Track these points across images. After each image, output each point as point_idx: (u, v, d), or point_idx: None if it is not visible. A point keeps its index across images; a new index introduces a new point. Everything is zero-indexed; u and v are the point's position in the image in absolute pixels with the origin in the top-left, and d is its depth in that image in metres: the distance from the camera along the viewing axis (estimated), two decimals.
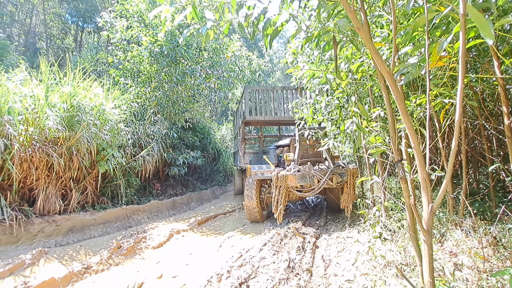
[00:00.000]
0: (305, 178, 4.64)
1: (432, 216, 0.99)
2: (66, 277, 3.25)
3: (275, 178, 4.66)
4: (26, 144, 4.64)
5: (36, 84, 5.27)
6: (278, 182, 4.65)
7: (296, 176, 4.63)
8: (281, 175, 4.65)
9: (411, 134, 1.05)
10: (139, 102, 8.37)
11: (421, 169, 1.02)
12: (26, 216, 4.68)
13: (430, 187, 0.97)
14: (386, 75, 1.11)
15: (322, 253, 3.61)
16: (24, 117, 4.70)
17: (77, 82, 5.76)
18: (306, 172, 4.67)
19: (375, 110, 2.46)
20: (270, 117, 7.43)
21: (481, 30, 0.86)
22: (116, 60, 8.92)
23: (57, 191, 5.35)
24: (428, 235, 0.96)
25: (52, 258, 3.78)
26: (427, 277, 0.98)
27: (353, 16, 1.07)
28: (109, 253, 3.96)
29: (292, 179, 4.62)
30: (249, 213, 5.60)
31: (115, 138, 6.41)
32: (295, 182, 4.61)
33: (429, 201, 0.97)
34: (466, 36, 1.26)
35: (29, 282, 3.05)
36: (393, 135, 1.84)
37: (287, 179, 4.62)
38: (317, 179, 4.64)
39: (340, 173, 4.68)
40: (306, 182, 4.63)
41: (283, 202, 4.63)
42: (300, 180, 4.62)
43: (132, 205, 6.72)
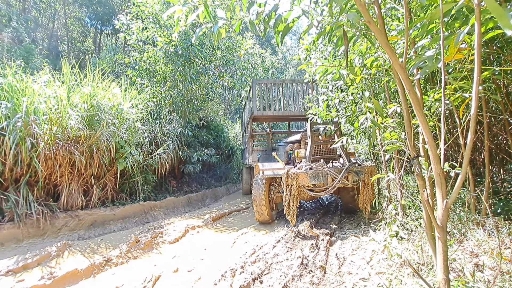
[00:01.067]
0: (318, 176, 4.33)
1: (447, 212, 0.96)
2: (88, 268, 3.42)
3: (285, 177, 4.35)
4: (50, 143, 4.88)
5: (58, 86, 5.53)
6: (288, 181, 4.32)
7: (308, 174, 4.32)
8: (291, 173, 4.32)
9: (425, 129, 1.03)
10: (155, 101, 8.57)
11: (435, 165, 0.99)
12: (51, 211, 4.94)
13: (445, 183, 0.94)
14: (398, 69, 1.08)
15: (336, 251, 3.58)
16: (48, 117, 4.95)
17: (96, 83, 5.99)
18: (319, 170, 4.35)
19: (391, 106, 2.40)
20: (279, 113, 7.04)
21: (499, 20, 0.82)
22: (133, 61, 9.18)
23: (79, 187, 5.61)
24: (442, 232, 0.94)
25: (75, 250, 3.97)
26: (441, 274, 0.95)
27: (363, 10, 1.05)
28: (128, 247, 4.11)
29: (304, 177, 4.31)
30: (258, 213, 5.29)
31: (133, 136, 6.61)
32: (307, 181, 4.30)
33: (444, 197, 0.94)
34: (485, 27, 1.21)
35: (54, 273, 3.23)
36: (408, 131, 1.79)
37: (298, 178, 4.31)
38: (331, 178, 4.32)
39: (356, 171, 4.35)
40: (319, 181, 4.32)
41: (295, 202, 4.35)
42: (313, 178, 4.31)
43: (149, 201, 6.93)
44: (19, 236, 4.29)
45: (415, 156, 1.78)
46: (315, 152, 5.05)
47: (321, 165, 4.43)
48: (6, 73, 4.85)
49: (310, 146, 4.85)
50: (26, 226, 4.45)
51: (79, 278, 3.27)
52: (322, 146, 5.11)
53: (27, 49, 10.46)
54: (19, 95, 4.75)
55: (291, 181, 4.32)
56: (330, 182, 4.31)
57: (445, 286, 0.94)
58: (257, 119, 8.00)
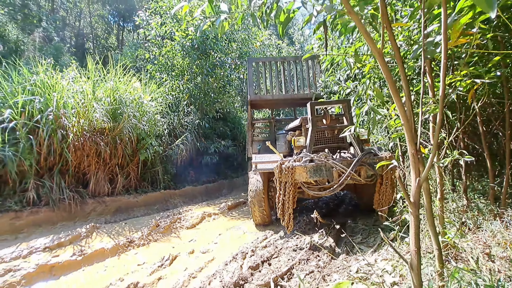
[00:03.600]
0: (319, 170, 3.39)
1: (419, 189, 1.01)
2: (113, 248, 3.75)
3: (278, 171, 3.43)
4: (78, 134, 5.29)
5: (84, 81, 5.92)
6: (282, 177, 3.41)
7: (307, 168, 3.38)
8: (286, 167, 3.38)
9: (401, 113, 1.07)
10: (173, 95, 8.88)
11: (410, 145, 1.03)
12: (81, 197, 5.39)
13: (418, 162, 0.99)
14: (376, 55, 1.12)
15: (345, 240, 3.64)
16: (76, 110, 5.34)
17: (118, 78, 6.33)
18: (321, 162, 3.41)
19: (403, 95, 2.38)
20: (280, 96, 5.98)
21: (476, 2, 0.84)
22: (152, 56, 9.51)
23: (105, 175, 6.03)
24: (414, 208, 0.99)
25: (102, 232, 4.34)
26: (413, 246, 1.01)
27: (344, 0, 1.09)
28: (149, 230, 4.43)
29: (302, 172, 3.38)
30: (255, 213, 4.54)
31: (153, 128, 6.95)
32: (305, 176, 3.39)
33: (417, 176, 1.00)
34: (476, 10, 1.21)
35: (84, 251, 3.58)
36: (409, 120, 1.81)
37: (294, 172, 3.38)
38: (338, 173, 3.36)
39: (371, 164, 3.41)
40: (321, 176, 3.38)
41: (291, 204, 3.46)
42: (313, 173, 3.38)
43: (169, 190, 7.30)
44: (53, 219, 4.75)
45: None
46: (318, 140, 4.13)
47: (325, 156, 3.49)
48: (38, 70, 5.27)
49: (311, 132, 3.89)
50: (60, 210, 4.91)
51: (105, 256, 3.60)
52: (327, 132, 4.15)
53: (57, 48, 11.16)
54: (50, 90, 5.15)
55: (285, 176, 3.40)
56: (336, 178, 3.37)
57: (416, 256, 1.00)
58: (256, 105, 6.86)
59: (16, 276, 2.91)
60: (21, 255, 3.34)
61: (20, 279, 2.88)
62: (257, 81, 6.05)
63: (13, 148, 4.49)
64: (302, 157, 3.55)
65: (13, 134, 4.56)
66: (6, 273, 2.93)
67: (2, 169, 4.44)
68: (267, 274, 2.66)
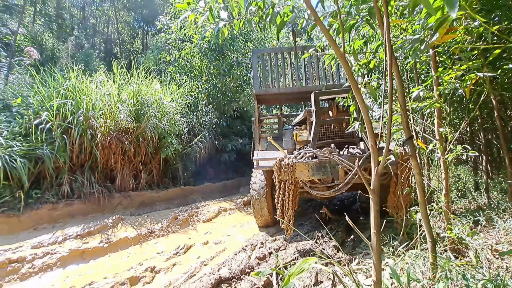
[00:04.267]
0: (323, 168, 3.09)
1: (377, 178, 1.10)
2: (136, 237, 4.10)
3: (277, 168, 3.16)
4: (105, 134, 5.75)
5: (111, 84, 6.40)
6: (281, 175, 3.14)
7: (309, 165, 3.09)
8: (285, 164, 3.11)
9: (362, 109, 1.15)
10: (193, 95, 9.25)
11: (370, 137, 1.12)
12: (108, 191, 5.86)
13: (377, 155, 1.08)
14: (339, 56, 1.21)
15: (353, 233, 3.68)
16: (103, 112, 5.81)
17: (141, 80, 6.75)
18: (325, 159, 3.11)
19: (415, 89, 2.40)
20: (287, 89, 5.50)
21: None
22: (173, 59, 9.95)
23: (130, 172, 6.49)
24: (374, 194, 1.08)
25: (126, 223, 4.73)
26: (373, 229, 1.10)
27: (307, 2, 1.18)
28: (168, 222, 4.75)
29: (303, 169, 3.09)
30: (257, 214, 4.23)
31: (173, 127, 7.33)
32: (307, 174, 3.10)
33: (375, 166, 1.09)
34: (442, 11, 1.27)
35: (110, 239, 3.96)
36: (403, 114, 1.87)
37: (294, 170, 3.09)
38: (344, 170, 3.05)
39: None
40: (325, 174, 3.10)
41: (292, 205, 3.17)
42: (316, 171, 3.09)
43: (189, 186, 7.67)
44: (85, 211, 5.23)
45: (408, 137, 1.86)
46: (324, 134, 3.82)
47: (329, 151, 3.18)
48: (70, 76, 5.80)
49: (315, 125, 3.55)
50: (90, 202, 5.39)
51: (128, 244, 3.95)
52: (333, 126, 3.84)
53: (87, 54, 12.03)
54: (81, 94, 5.66)
55: (285, 174, 3.12)
56: (343, 176, 3.04)
57: (375, 237, 1.10)
58: (262, 100, 6.32)
59: (53, 258, 3.31)
60: (57, 241, 3.78)
61: (56, 261, 3.27)
62: (263, 74, 5.58)
63: (50, 146, 5.02)
64: (304, 153, 3.24)
65: (49, 134, 5.09)
66: (45, 256, 3.35)
67: (41, 165, 4.97)
68: (273, 265, 2.81)
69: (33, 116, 5.15)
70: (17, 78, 8.26)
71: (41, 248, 3.57)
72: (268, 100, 6.49)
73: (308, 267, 1.03)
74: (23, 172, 4.54)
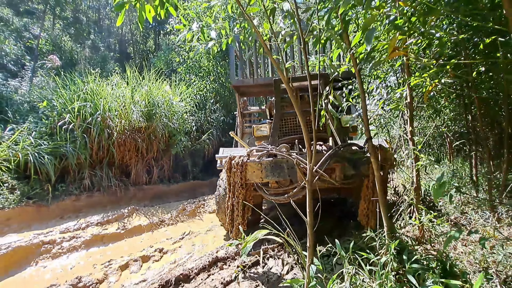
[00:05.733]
0: (279, 169, 2.67)
1: (311, 172, 1.43)
2: (148, 225, 4.61)
3: (227, 168, 2.80)
4: (121, 133, 6.30)
5: (125, 86, 6.94)
6: (231, 175, 2.77)
7: (263, 164, 2.69)
8: (235, 163, 2.74)
9: (299, 116, 1.46)
10: (201, 94, 9.70)
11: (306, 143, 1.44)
12: (124, 185, 6.44)
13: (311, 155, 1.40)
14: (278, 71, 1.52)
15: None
16: (118, 112, 6.35)
17: (152, 82, 7.26)
18: (282, 158, 2.68)
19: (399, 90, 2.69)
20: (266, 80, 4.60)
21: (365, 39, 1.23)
22: (182, 59, 10.43)
23: (143, 167, 7.05)
24: (309, 185, 1.42)
25: (140, 213, 5.26)
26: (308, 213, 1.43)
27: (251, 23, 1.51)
28: (177, 213, 5.24)
29: (256, 169, 2.70)
30: (223, 217, 3.56)
31: (182, 126, 7.83)
32: (260, 176, 2.69)
33: (309, 162, 1.42)
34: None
35: (126, 226, 4.49)
36: (364, 117, 2.19)
37: (246, 170, 2.72)
38: (302, 171, 2.45)
39: (352, 160, 2.66)
40: (281, 176, 2.68)
41: (241, 212, 2.80)
42: (271, 172, 2.67)
43: (198, 180, 8.19)
44: (104, 202, 5.82)
45: (368, 138, 2.18)
46: (289, 128, 3.36)
47: (286, 148, 2.72)
48: (88, 80, 6.37)
49: (275, 118, 3.18)
50: (108, 195, 5.98)
51: (142, 231, 4.47)
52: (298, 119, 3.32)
53: (103, 56, 12.75)
54: (98, 97, 6.21)
55: (235, 175, 2.75)
56: (301, 178, 2.62)
57: (310, 217, 1.44)
58: (244, 93, 5.43)
59: (78, 241, 3.86)
60: (81, 227, 4.34)
61: (80, 244, 3.82)
62: (241, 63, 4.81)
63: (72, 145, 5.60)
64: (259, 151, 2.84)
65: (72, 134, 5.67)
66: (71, 239, 3.90)
67: (65, 161, 5.57)
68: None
69: (57, 117, 5.76)
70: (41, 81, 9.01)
71: (67, 233, 4.14)
72: (251, 92, 5.55)
73: (260, 236, 1.40)
74: (50, 167, 5.15)
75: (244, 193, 2.80)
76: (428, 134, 7.70)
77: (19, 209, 4.53)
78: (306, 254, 1.48)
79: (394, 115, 4.81)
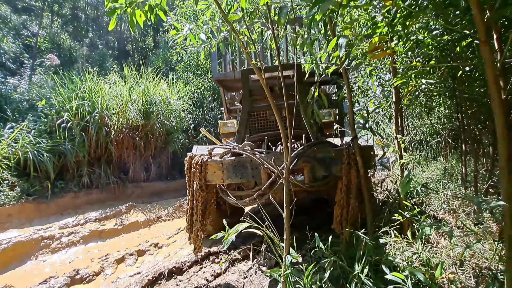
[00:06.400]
0: (243, 169, 2.48)
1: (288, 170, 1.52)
2: (145, 221, 4.73)
3: (186, 168, 2.59)
4: (118, 131, 6.40)
5: (122, 85, 7.02)
6: (191, 176, 2.56)
7: (224, 165, 2.48)
8: (195, 162, 2.51)
9: (276, 114, 1.54)
10: (199, 92, 9.79)
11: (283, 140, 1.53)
12: (123, 182, 6.56)
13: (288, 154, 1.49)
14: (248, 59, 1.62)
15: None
16: (116, 111, 6.45)
17: (149, 81, 7.34)
18: (245, 157, 2.47)
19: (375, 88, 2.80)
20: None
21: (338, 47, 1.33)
22: (180, 58, 10.50)
23: (141, 165, 7.17)
24: (286, 182, 1.51)
25: (137, 210, 5.38)
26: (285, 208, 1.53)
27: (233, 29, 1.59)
28: (174, 209, 5.36)
29: (216, 170, 2.48)
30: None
31: (179, 124, 7.92)
32: (221, 177, 2.48)
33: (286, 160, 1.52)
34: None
35: (123, 222, 4.61)
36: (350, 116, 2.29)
37: (206, 170, 2.49)
38: (267, 173, 2.38)
39: (324, 160, 2.41)
40: (245, 177, 2.48)
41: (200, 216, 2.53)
42: (233, 173, 2.47)
43: None
44: (102, 199, 5.94)
45: (353, 136, 2.27)
46: (261, 124, 3.08)
47: (250, 147, 2.48)
48: (86, 79, 6.46)
49: (243, 113, 2.93)
50: (107, 192, 6.10)
51: (139, 227, 4.59)
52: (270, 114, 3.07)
53: (101, 54, 12.81)
54: (96, 95, 6.30)
55: (194, 176, 2.51)
56: (265, 180, 2.39)
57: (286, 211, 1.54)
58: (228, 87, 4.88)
59: (76, 237, 3.98)
60: (79, 223, 4.46)
61: (79, 239, 3.94)
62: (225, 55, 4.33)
63: (71, 143, 5.71)
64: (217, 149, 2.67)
65: (70, 132, 5.77)
66: (70, 234, 4.02)
67: (64, 159, 5.68)
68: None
69: (56, 116, 5.86)
70: (40, 79, 9.10)
71: (66, 228, 4.26)
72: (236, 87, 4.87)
73: (241, 228, 1.51)
74: (49, 165, 5.26)
75: (204, 196, 2.52)
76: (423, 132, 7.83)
77: (20, 206, 4.65)
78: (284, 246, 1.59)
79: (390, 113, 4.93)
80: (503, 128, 1.41)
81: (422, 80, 2.50)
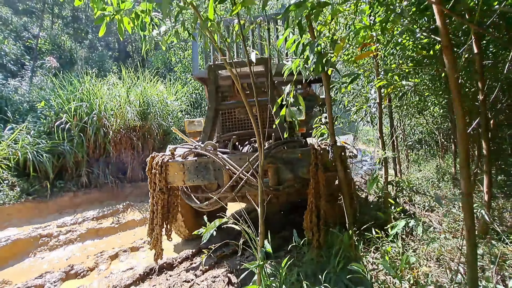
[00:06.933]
0: (205, 170, 2.38)
1: (262, 169, 1.62)
2: (142, 220, 4.85)
3: (147, 169, 2.51)
4: (116, 131, 6.52)
5: (120, 86, 7.14)
6: (151, 177, 2.47)
7: (186, 165, 2.40)
8: (155, 163, 2.44)
9: (252, 118, 1.63)
10: (197, 93, 9.90)
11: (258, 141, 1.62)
12: (121, 182, 6.68)
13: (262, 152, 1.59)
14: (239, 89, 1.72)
15: None
16: (114, 112, 6.57)
17: (147, 82, 7.45)
18: (208, 158, 2.38)
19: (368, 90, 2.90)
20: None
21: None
22: (178, 59, 10.61)
23: (139, 165, 7.28)
24: (260, 179, 1.61)
25: (134, 209, 5.50)
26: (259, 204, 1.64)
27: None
28: None
29: (177, 171, 2.41)
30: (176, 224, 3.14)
31: (177, 124, 8.03)
32: (183, 178, 2.40)
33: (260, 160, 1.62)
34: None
35: (120, 221, 4.73)
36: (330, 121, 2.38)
37: (167, 171, 2.42)
38: (229, 174, 2.31)
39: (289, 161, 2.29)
40: (207, 179, 2.39)
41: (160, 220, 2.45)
42: (194, 174, 2.38)
43: None
44: (101, 198, 6.06)
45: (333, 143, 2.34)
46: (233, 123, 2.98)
47: (213, 147, 2.41)
48: (85, 80, 6.58)
49: (209, 110, 2.81)
50: (105, 191, 6.22)
51: (135, 225, 4.71)
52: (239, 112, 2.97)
53: (100, 56, 12.95)
54: (94, 97, 6.43)
55: (155, 177, 2.44)
56: (227, 181, 2.32)
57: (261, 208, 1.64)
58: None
59: (74, 235, 4.11)
60: (77, 222, 4.59)
61: (76, 237, 4.07)
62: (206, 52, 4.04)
63: (70, 143, 5.83)
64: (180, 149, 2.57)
65: (69, 133, 5.90)
66: (68, 233, 4.15)
67: (63, 159, 5.81)
68: None
69: (55, 117, 5.99)
70: (40, 81, 9.25)
71: (64, 227, 4.38)
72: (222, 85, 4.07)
73: (218, 223, 1.62)
74: (48, 165, 5.39)
75: (165, 198, 2.42)
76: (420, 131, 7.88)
77: (19, 205, 4.78)
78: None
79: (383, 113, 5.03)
80: (463, 129, 1.50)
81: (402, 81, 2.59)
